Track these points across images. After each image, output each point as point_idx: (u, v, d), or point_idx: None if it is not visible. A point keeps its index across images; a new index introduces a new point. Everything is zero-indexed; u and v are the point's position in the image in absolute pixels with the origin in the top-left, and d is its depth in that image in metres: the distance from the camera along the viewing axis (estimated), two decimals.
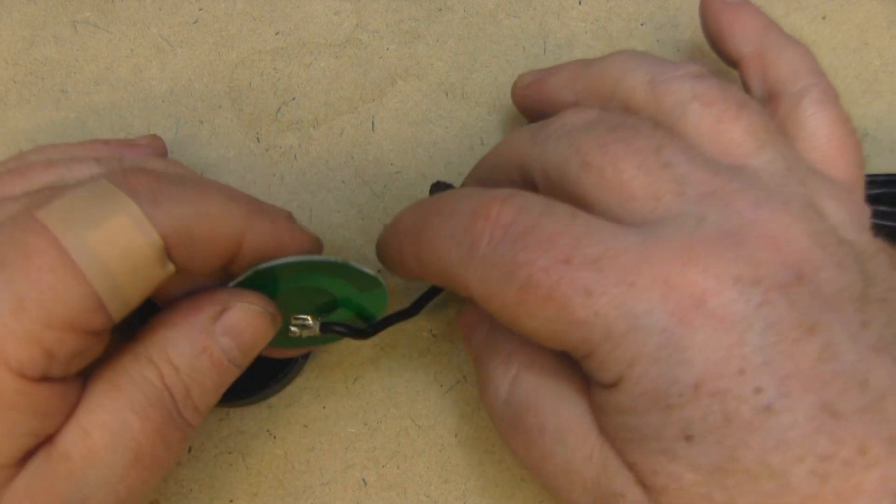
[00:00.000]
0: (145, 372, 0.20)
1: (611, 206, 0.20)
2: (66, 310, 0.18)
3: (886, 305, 0.19)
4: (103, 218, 0.19)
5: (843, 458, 0.17)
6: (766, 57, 0.25)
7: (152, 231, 0.19)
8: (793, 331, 0.18)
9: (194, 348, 0.21)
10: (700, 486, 0.18)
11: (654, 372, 0.18)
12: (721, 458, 0.18)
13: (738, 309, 0.18)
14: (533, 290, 0.19)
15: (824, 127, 0.23)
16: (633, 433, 0.19)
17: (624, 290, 0.18)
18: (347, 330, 0.24)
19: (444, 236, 0.21)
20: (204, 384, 0.21)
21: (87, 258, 0.18)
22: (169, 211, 0.20)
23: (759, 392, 0.18)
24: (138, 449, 0.20)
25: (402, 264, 0.24)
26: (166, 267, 0.20)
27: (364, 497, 0.27)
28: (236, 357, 0.22)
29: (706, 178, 0.20)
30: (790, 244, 0.19)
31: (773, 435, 0.17)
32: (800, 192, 0.20)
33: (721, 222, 0.19)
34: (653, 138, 0.21)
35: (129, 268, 0.19)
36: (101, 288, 0.19)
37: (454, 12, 0.32)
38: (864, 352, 0.18)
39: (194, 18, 0.32)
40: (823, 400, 0.17)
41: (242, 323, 0.22)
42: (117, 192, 0.19)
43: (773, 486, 0.17)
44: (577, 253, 0.19)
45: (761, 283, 0.18)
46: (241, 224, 0.21)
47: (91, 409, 0.20)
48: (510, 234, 0.20)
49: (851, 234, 0.20)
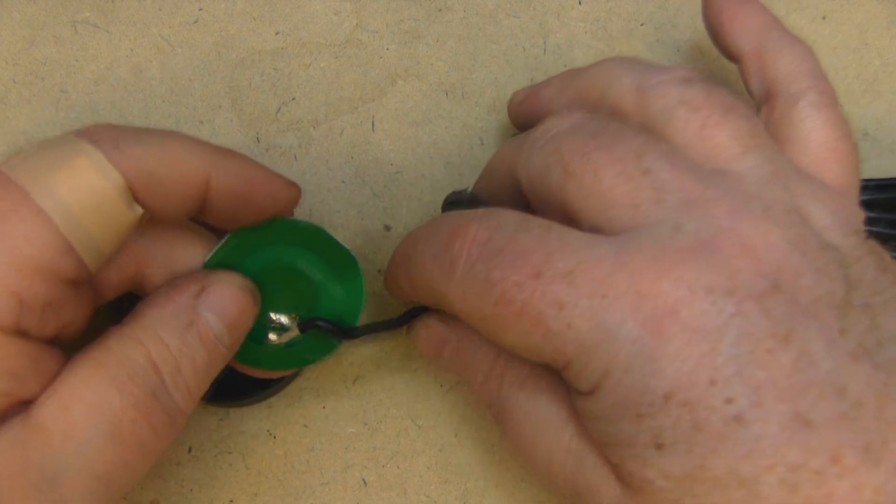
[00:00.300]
0: (129, 350, 0.20)
1: (592, 214, 0.21)
2: (35, 253, 0.18)
3: (869, 310, 0.19)
4: (65, 163, 0.19)
5: (814, 467, 0.17)
6: (766, 56, 0.25)
7: (113, 171, 0.19)
8: (766, 340, 0.18)
9: (182, 323, 0.21)
10: (671, 493, 0.18)
11: (626, 382, 0.18)
12: (691, 467, 0.18)
13: (710, 319, 0.18)
14: (507, 305, 0.19)
15: (819, 129, 0.23)
16: (609, 438, 0.20)
17: (596, 301, 0.19)
18: (329, 325, 0.24)
19: (428, 258, 0.22)
20: (195, 361, 0.21)
21: (52, 202, 0.19)
22: (130, 153, 0.20)
23: (730, 402, 0.18)
24: (117, 423, 0.19)
25: (399, 287, 0.24)
26: (133, 208, 0.20)
27: (364, 497, 0.27)
28: (223, 334, 0.22)
29: (686, 186, 0.20)
30: (768, 251, 0.19)
31: (743, 444, 0.17)
32: (783, 198, 0.20)
33: (698, 231, 0.19)
34: (633, 144, 0.21)
35: (94, 209, 0.19)
36: (68, 230, 0.19)
37: (454, 12, 0.32)
38: (842, 359, 0.18)
39: (194, 18, 0.32)
40: (796, 409, 0.18)
41: (224, 299, 0.22)
42: (78, 140, 0.20)
43: (742, 495, 0.18)
44: (549, 267, 0.19)
45: (735, 293, 0.18)
46: (205, 161, 0.21)
47: (72, 385, 0.19)
48: (485, 252, 0.20)
49: (837, 238, 0.20)
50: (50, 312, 0.19)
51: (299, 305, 0.24)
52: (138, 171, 0.20)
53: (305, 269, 0.24)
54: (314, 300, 0.24)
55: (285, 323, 0.24)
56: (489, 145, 0.31)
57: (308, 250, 0.24)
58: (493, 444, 0.28)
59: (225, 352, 0.22)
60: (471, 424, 0.28)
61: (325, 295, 0.24)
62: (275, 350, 0.24)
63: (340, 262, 0.24)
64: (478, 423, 0.28)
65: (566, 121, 0.23)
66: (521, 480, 0.27)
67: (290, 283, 0.24)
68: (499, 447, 0.28)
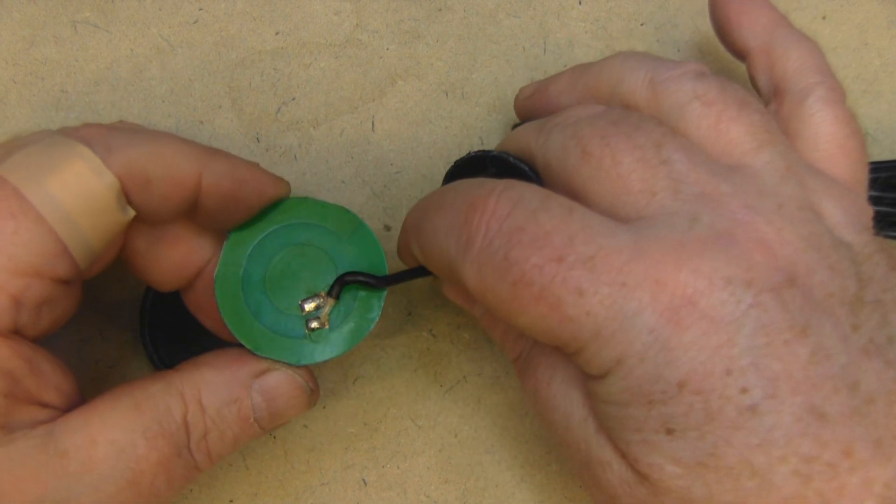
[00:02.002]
0: (171, 403, 0.20)
1: (606, 198, 0.21)
2: (31, 256, 0.18)
3: (880, 307, 0.19)
4: (60, 165, 0.19)
5: (827, 460, 0.17)
6: (773, 53, 0.25)
7: (108, 173, 0.19)
8: (784, 333, 0.18)
9: (228, 396, 0.21)
10: (680, 479, 0.18)
11: (640, 370, 0.18)
12: (702, 454, 0.18)
13: (728, 310, 0.18)
14: (526, 287, 0.19)
15: (827, 125, 0.23)
16: (616, 422, 0.19)
17: (615, 289, 0.18)
18: (360, 276, 0.23)
19: (443, 230, 0.21)
20: (224, 434, 0.21)
21: (48, 204, 0.19)
22: (123, 154, 0.20)
23: (745, 392, 0.18)
24: (139, 471, 0.19)
25: (410, 257, 0.24)
26: (126, 211, 0.20)
27: (364, 497, 0.27)
28: (263, 419, 0.22)
29: (702, 179, 0.20)
30: (783, 247, 0.19)
31: (757, 434, 0.18)
32: (797, 194, 0.20)
33: (714, 223, 0.19)
34: (654, 134, 0.21)
35: (89, 211, 0.19)
36: (64, 232, 0.19)
37: (454, 12, 0.32)
38: (855, 355, 0.18)
39: (194, 18, 0.32)
40: (811, 402, 0.18)
41: (281, 389, 0.22)
42: (71, 141, 0.20)
43: (754, 484, 0.18)
44: (571, 251, 0.19)
45: (753, 285, 0.18)
46: (195, 162, 0.21)
47: (105, 421, 0.20)
48: (505, 229, 0.19)
49: (849, 234, 0.20)
50: (44, 311, 0.19)
51: (320, 281, 0.23)
52: (131, 173, 0.20)
53: (312, 241, 0.23)
54: (333, 270, 0.24)
55: (318, 303, 0.23)
56: (489, 145, 0.31)
57: (306, 222, 0.23)
58: (493, 444, 0.28)
59: (259, 431, 0.22)
60: (471, 424, 0.28)
61: (341, 260, 0.24)
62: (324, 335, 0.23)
63: (341, 222, 0.24)
64: (478, 423, 0.28)
65: (588, 110, 0.23)
66: (521, 480, 0.27)
67: (305, 262, 0.23)
68: (499, 447, 0.28)
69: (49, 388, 0.20)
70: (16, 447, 0.19)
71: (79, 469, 0.19)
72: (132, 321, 0.28)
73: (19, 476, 0.18)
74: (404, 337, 0.29)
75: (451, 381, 0.28)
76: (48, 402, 0.20)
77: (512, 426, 0.28)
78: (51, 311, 0.20)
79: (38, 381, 0.19)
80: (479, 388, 0.28)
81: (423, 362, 0.28)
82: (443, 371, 0.28)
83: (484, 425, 0.28)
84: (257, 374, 0.22)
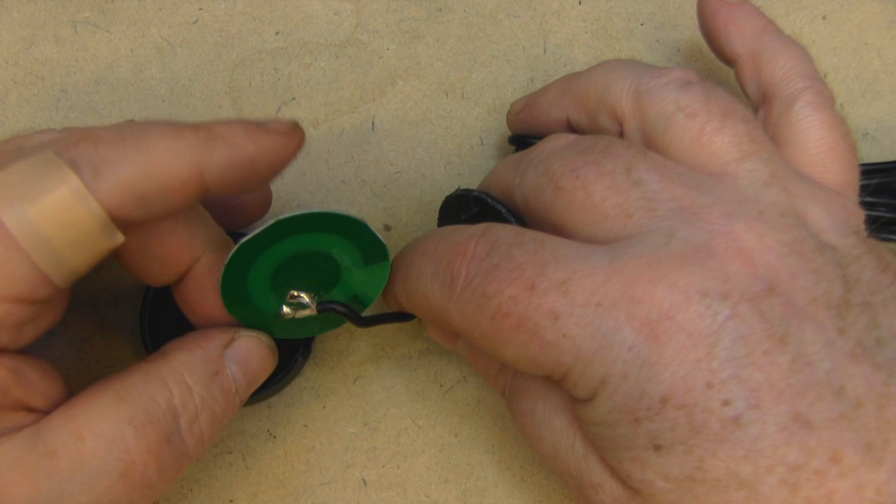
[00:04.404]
0: (153, 390, 0.20)
1: (585, 228, 0.21)
2: (9, 283, 0.18)
3: (868, 309, 0.19)
4: (43, 192, 0.18)
5: (815, 467, 0.17)
6: (761, 59, 0.25)
7: (94, 203, 0.19)
8: (763, 343, 0.18)
9: (209, 371, 0.21)
10: (671, 494, 0.19)
11: (623, 388, 0.19)
12: (689, 468, 0.18)
13: (705, 323, 0.18)
14: (504, 318, 0.20)
15: (816, 130, 0.23)
16: (607, 442, 0.20)
17: (590, 310, 0.19)
18: (346, 311, 0.24)
19: (428, 275, 0.22)
20: (214, 411, 0.21)
21: (28, 233, 0.18)
22: (112, 178, 0.19)
23: (727, 404, 0.18)
24: (129, 462, 0.19)
25: (396, 302, 0.25)
26: (113, 237, 0.19)
27: (364, 497, 0.27)
28: (241, 387, 0.22)
29: (679, 194, 0.20)
30: (763, 254, 0.19)
31: (742, 446, 0.18)
32: (780, 200, 0.20)
33: (691, 237, 0.19)
34: (622, 158, 0.21)
35: (71, 241, 0.19)
36: (43, 261, 0.18)
37: (454, 12, 0.32)
38: (841, 359, 0.18)
39: (194, 18, 0.32)
40: (795, 410, 0.18)
41: (251, 353, 0.23)
42: (59, 163, 0.19)
43: (742, 496, 0.18)
44: (543, 279, 0.19)
45: (730, 297, 0.18)
46: (193, 161, 0.20)
47: (90, 416, 0.19)
48: (483, 269, 0.20)
49: (834, 238, 0.20)
50: (27, 328, 0.19)
51: (320, 286, 0.24)
52: (122, 196, 0.19)
53: (336, 255, 0.24)
54: (335, 282, 0.24)
55: (305, 301, 0.24)
56: (489, 145, 0.31)
57: (343, 238, 0.24)
58: (493, 444, 0.28)
59: (238, 403, 0.22)
60: (471, 424, 0.28)
61: (346, 278, 0.24)
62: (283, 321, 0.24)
63: (371, 251, 0.24)
64: (478, 423, 0.28)
65: (558, 142, 0.23)
66: (521, 480, 0.27)
67: (318, 265, 0.24)
68: (499, 447, 0.28)
69: (36, 394, 0.20)
70: (3, 450, 0.18)
71: (69, 466, 0.19)
72: (132, 321, 0.28)
73: (9, 479, 0.18)
74: (404, 337, 0.29)
75: (451, 381, 0.28)
76: (35, 406, 0.20)
77: (512, 426, 0.28)
78: (34, 326, 0.20)
79: (25, 388, 0.19)
80: (479, 388, 0.28)
81: (423, 362, 0.28)
82: (443, 371, 0.28)
83: (484, 425, 0.28)
84: (226, 344, 0.22)
